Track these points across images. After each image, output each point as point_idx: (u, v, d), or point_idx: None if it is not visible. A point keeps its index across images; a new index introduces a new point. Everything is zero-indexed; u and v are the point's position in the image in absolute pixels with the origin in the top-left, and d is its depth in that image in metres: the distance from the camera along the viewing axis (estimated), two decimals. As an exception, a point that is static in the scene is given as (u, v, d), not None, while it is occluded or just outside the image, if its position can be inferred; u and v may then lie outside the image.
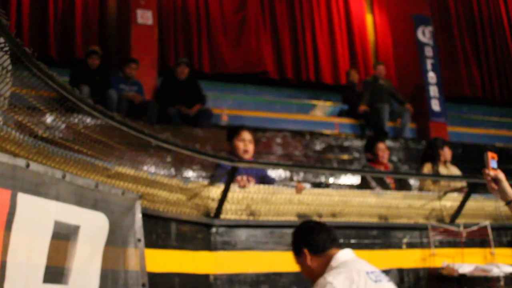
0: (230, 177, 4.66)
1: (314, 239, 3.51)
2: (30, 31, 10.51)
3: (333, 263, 3.39)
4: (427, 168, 7.54)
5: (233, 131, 5.88)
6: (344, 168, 9.49)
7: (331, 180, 8.91)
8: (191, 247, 4.53)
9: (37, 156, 2.99)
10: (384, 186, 6.73)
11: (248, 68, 12.11)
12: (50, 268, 2.64)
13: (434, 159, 7.57)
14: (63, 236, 2.77)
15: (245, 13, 12.38)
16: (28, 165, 2.54)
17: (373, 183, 6.58)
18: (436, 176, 6.97)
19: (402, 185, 7.00)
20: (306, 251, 3.49)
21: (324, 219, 5.26)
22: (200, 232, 4.64)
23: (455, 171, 7.72)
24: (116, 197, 3.28)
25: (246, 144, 5.76)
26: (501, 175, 3.23)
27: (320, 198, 5.27)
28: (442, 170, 7.50)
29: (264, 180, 5.71)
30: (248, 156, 5.73)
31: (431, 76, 12.17)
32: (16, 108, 2.85)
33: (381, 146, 7.09)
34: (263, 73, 12.20)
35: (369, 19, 13.89)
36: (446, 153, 7.69)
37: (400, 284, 5.31)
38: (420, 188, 7.36)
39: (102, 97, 8.67)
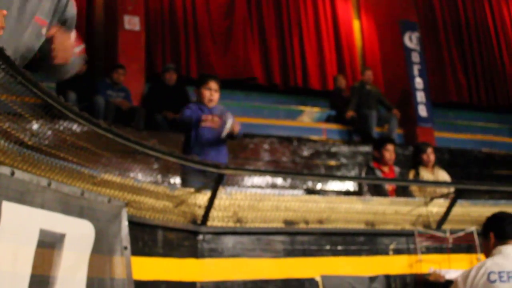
0: (216, 184, 4.66)
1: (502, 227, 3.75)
2: (16, 37, 10.46)
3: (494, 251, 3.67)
4: (411, 174, 7.60)
5: (202, 79, 6.22)
6: (331, 174, 9.51)
7: (318, 186, 8.92)
8: (177, 254, 4.51)
9: (22, 164, 2.98)
10: (380, 190, 6.79)
11: (236, 74, 12.12)
12: (36, 277, 2.62)
13: (418, 164, 7.63)
14: (49, 245, 2.75)
15: (233, 19, 12.39)
16: (13, 173, 2.52)
17: (365, 189, 6.64)
18: (421, 182, 6.99)
19: (405, 192, 7.06)
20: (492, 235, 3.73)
21: (311, 226, 5.27)
22: (187, 239, 4.63)
23: (443, 175, 7.73)
24: (102, 205, 3.26)
25: (212, 93, 6.08)
26: None
27: (307, 205, 5.27)
28: (428, 175, 7.53)
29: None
30: (212, 104, 6.09)
31: (418, 81, 12.23)
32: (1, 116, 2.84)
33: (389, 147, 7.32)
34: (251, 79, 12.21)
35: (356, 24, 13.94)
36: (431, 156, 7.72)
37: (387, 290, 5.34)
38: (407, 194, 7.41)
39: (89, 103, 8.65)
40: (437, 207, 5.89)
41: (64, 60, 2.64)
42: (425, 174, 7.55)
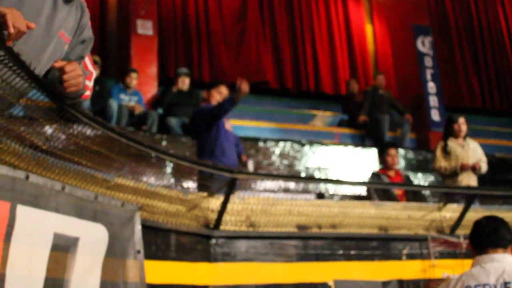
0: (229, 188, 4.66)
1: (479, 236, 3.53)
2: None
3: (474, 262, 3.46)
4: (439, 147, 7.57)
5: (214, 83, 6.76)
6: (342, 179, 9.47)
7: (331, 190, 8.89)
8: (190, 258, 4.52)
9: (37, 168, 2.99)
10: (389, 195, 6.76)
11: (248, 78, 12.02)
12: (50, 280, 2.63)
13: (449, 135, 7.59)
14: (63, 248, 2.76)
15: (245, 23, 12.40)
16: (27, 177, 2.53)
17: (374, 195, 6.61)
18: (436, 187, 6.97)
19: (416, 196, 7.04)
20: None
21: (324, 230, 5.26)
22: (200, 243, 4.64)
23: (474, 146, 7.67)
24: (115, 209, 3.27)
25: (222, 96, 6.53)
26: None
27: (320, 209, 5.27)
28: (457, 147, 7.48)
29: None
30: None
31: (431, 86, 12.18)
32: (16, 120, 2.85)
33: (391, 152, 7.31)
34: (263, 83, 12.20)
35: (368, 29, 13.91)
36: (462, 127, 7.66)
37: (401, 295, 5.32)
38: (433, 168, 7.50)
39: (102, 107, 8.67)
40: (451, 212, 5.86)
41: (76, 88, 2.68)
42: (454, 145, 7.50)
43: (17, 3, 2.51)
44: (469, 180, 7.55)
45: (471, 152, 7.56)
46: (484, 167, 7.64)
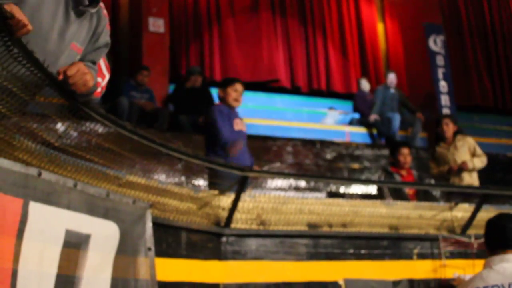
0: (240, 187, 4.66)
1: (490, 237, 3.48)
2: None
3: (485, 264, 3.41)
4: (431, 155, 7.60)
5: (229, 81, 6.56)
6: (354, 178, 9.47)
7: (341, 189, 8.89)
8: (201, 256, 4.52)
9: (49, 165, 3.00)
10: (400, 194, 6.74)
11: (260, 76, 12.12)
12: (61, 276, 2.64)
13: (439, 141, 7.58)
14: (74, 245, 2.77)
15: (257, 21, 12.40)
16: (40, 174, 2.54)
17: (386, 193, 6.60)
18: (447, 186, 6.94)
19: (426, 196, 7.03)
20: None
21: (334, 229, 5.25)
22: (210, 241, 4.64)
23: (466, 145, 7.60)
24: (127, 206, 3.28)
25: (238, 94, 6.37)
26: None
27: (330, 208, 5.26)
28: (445, 152, 7.46)
29: None
30: (237, 105, 6.39)
31: (443, 85, 12.12)
32: (28, 117, 2.87)
33: (404, 151, 7.31)
34: (275, 81, 12.20)
35: (380, 27, 13.87)
36: (445, 128, 7.62)
37: (411, 295, 5.31)
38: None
39: (113, 105, 8.69)
40: (462, 212, 5.84)
41: (86, 88, 2.71)
42: (442, 150, 7.50)
43: (28, 17, 2.52)
44: (470, 178, 7.53)
45: (459, 152, 7.51)
46: (476, 163, 7.58)
